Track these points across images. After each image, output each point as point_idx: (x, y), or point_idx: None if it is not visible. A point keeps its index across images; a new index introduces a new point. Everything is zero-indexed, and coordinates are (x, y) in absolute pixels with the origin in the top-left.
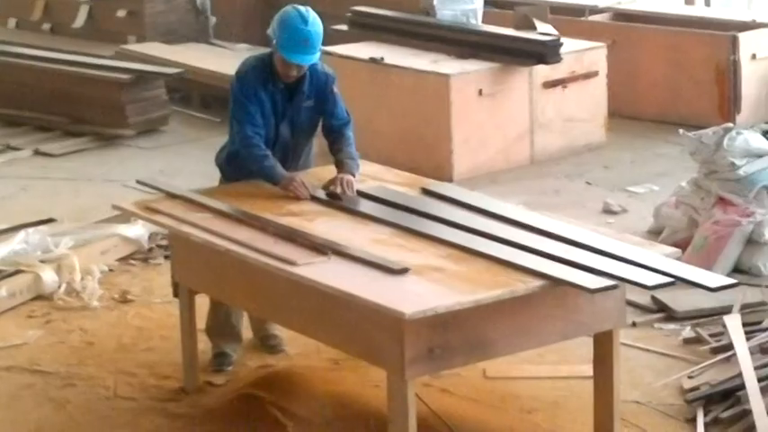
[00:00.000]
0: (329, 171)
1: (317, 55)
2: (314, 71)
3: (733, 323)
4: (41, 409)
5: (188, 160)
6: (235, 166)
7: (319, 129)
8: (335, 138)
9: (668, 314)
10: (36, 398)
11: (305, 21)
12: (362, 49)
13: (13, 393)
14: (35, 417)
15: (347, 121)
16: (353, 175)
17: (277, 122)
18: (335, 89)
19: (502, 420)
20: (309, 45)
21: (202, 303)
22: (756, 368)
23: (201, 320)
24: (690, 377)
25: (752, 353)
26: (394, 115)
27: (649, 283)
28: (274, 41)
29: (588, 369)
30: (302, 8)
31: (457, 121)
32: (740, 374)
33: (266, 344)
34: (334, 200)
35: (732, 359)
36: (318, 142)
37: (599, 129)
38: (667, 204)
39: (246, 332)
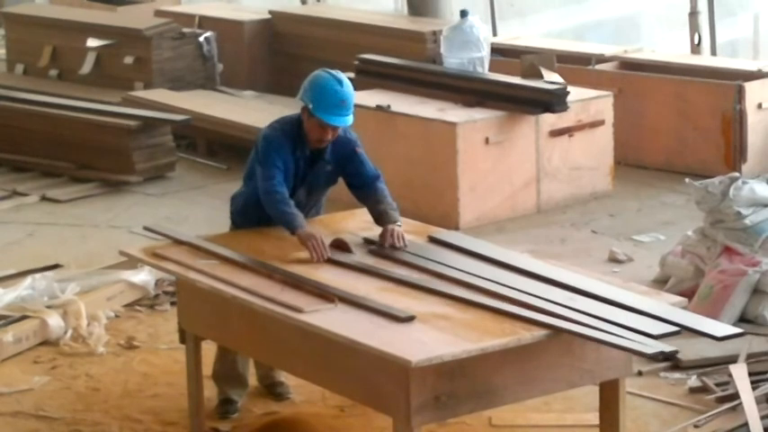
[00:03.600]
0: (342, 217)
1: (352, 117)
2: (336, 137)
3: (739, 372)
4: None
5: (194, 207)
6: (246, 217)
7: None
8: (369, 192)
9: (674, 363)
10: None
11: (340, 83)
12: (369, 97)
13: None
14: None
15: (377, 175)
16: (399, 225)
17: (296, 186)
18: (360, 150)
19: None
20: (346, 107)
21: (208, 350)
22: (763, 418)
23: (207, 367)
24: (696, 426)
25: (758, 402)
26: (400, 163)
27: (655, 333)
28: (310, 105)
29: (594, 417)
30: (333, 71)
31: (463, 169)
32: (746, 424)
33: (273, 391)
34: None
35: (738, 408)
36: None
37: (605, 177)
38: (673, 253)
39: (252, 379)
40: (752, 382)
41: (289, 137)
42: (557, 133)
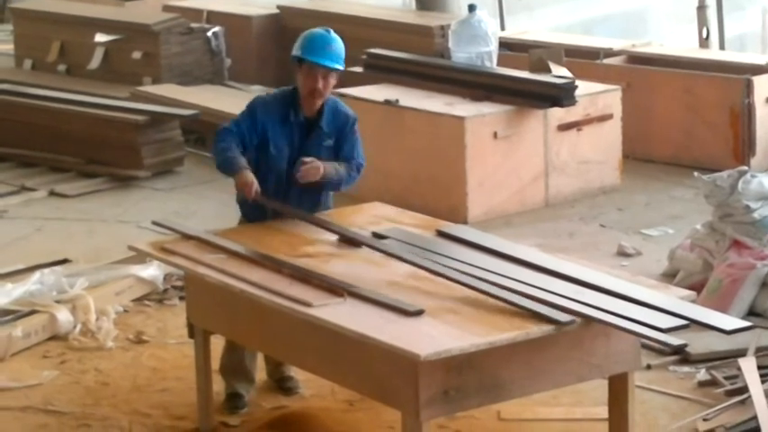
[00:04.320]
0: (351, 212)
1: (341, 66)
2: (335, 109)
3: (748, 366)
4: None
5: (203, 201)
6: (247, 203)
7: None
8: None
9: (683, 357)
10: None
11: (327, 31)
12: (377, 92)
13: None
14: None
15: (360, 164)
16: (322, 168)
17: (292, 156)
18: (356, 129)
19: None
20: (334, 51)
21: (217, 344)
22: None
23: (216, 361)
24: (705, 420)
25: (767, 395)
26: (408, 157)
27: (664, 326)
28: (299, 52)
29: (603, 411)
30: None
31: (471, 163)
32: (755, 417)
33: (282, 386)
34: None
35: (747, 402)
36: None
37: (613, 171)
38: (682, 247)
39: (261, 373)
40: (761, 376)
41: (280, 102)
42: (565, 127)
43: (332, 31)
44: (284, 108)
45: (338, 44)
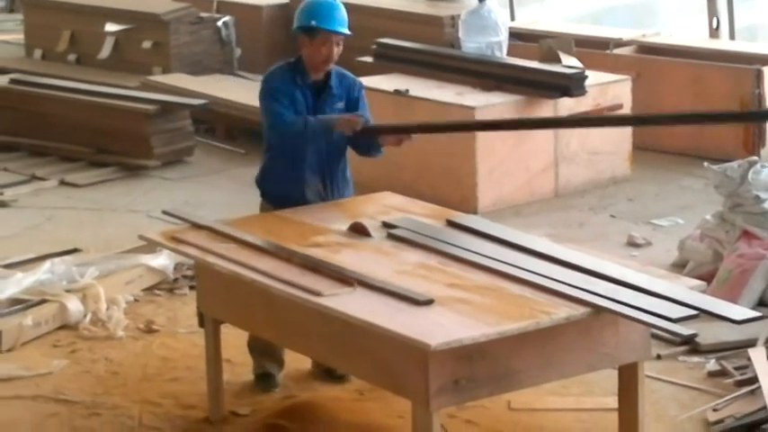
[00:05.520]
0: (362, 201)
1: (347, 30)
2: (341, 73)
3: (758, 356)
4: None
5: (213, 191)
6: (273, 179)
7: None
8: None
9: (693, 347)
10: (61, 427)
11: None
12: (387, 81)
13: (39, 422)
14: None
15: (368, 121)
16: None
17: None
18: (364, 93)
19: None
20: (343, 16)
21: (227, 333)
22: None
23: (227, 351)
24: (714, 410)
25: None
26: (419, 147)
27: (674, 316)
28: (312, 22)
29: (613, 401)
30: None
31: (481, 153)
32: (765, 407)
33: (333, 375)
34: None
35: (757, 392)
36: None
37: (623, 162)
38: (692, 237)
39: (300, 363)
40: None
41: (287, 72)
42: None
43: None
44: (293, 76)
45: (343, 9)
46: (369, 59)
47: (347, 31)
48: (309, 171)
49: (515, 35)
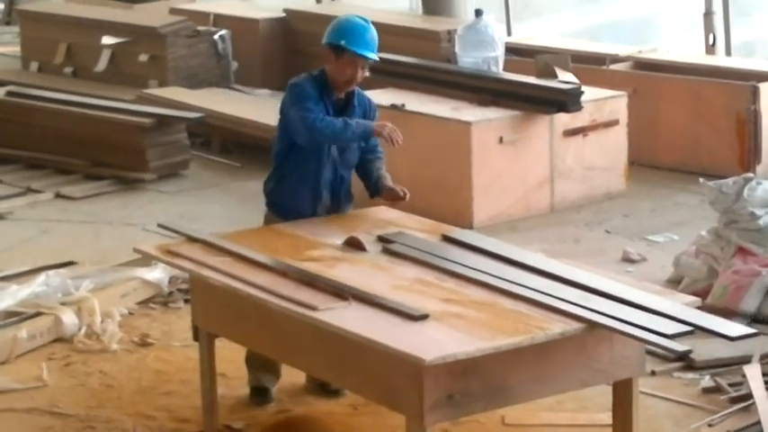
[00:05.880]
0: (357, 215)
1: (375, 56)
2: (359, 93)
3: (753, 373)
4: None
5: (209, 205)
6: (287, 192)
7: None
8: (375, 158)
9: (687, 363)
10: None
11: (366, 21)
12: (384, 96)
13: None
14: None
15: (382, 153)
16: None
17: None
18: (377, 117)
19: None
20: (375, 41)
21: (222, 347)
22: None
23: (221, 364)
24: (709, 425)
25: None
26: (414, 162)
27: (669, 332)
28: (342, 42)
29: (607, 417)
30: (355, 16)
31: (477, 168)
32: (758, 423)
33: (327, 389)
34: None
35: (751, 408)
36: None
37: (619, 177)
38: (687, 253)
39: (295, 377)
40: (765, 383)
41: (314, 83)
42: (571, 133)
43: (369, 19)
44: (319, 88)
45: (374, 31)
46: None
47: (375, 57)
48: (324, 187)
49: (512, 50)
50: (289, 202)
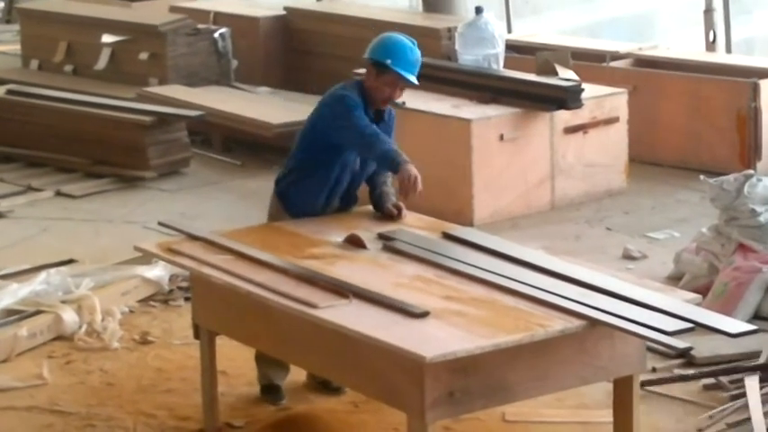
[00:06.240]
0: (358, 213)
1: (415, 80)
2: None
3: (751, 383)
4: None
5: (209, 203)
6: (304, 193)
7: None
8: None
9: (688, 360)
10: None
11: (413, 43)
12: None
13: None
14: None
15: None
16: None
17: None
18: (394, 126)
19: None
20: (416, 62)
21: (222, 345)
22: None
23: (222, 362)
24: (709, 420)
25: None
26: (414, 159)
27: (669, 329)
28: (388, 61)
29: (607, 414)
30: (401, 34)
31: (478, 165)
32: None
33: (328, 386)
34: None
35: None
36: None
37: (619, 174)
38: (688, 250)
39: (297, 375)
40: (765, 381)
41: (357, 98)
42: (571, 130)
43: (415, 42)
44: (362, 102)
45: (419, 53)
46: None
47: (416, 81)
48: (339, 193)
49: (512, 48)
50: (301, 201)
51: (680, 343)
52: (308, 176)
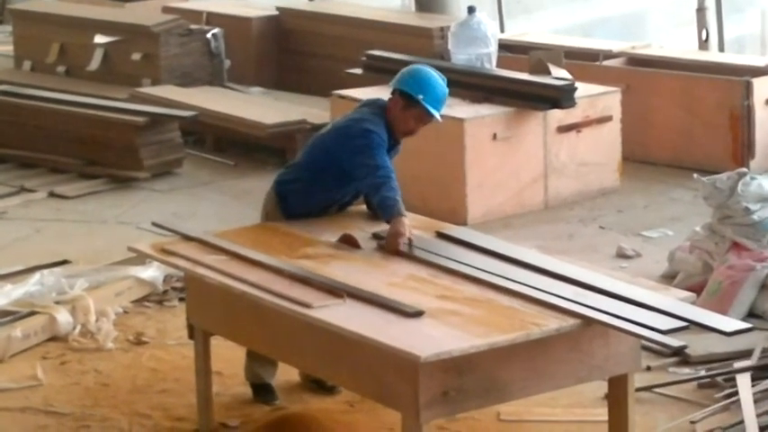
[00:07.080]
0: (351, 213)
1: (440, 117)
2: None
3: (743, 381)
4: None
5: (202, 203)
6: (304, 198)
7: None
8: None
9: (683, 358)
10: None
11: (444, 79)
12: (377, 93)
13: None
14: None
15: None
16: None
17: None
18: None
19: None
20: (445, 100)
21: (217, 345)
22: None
23: (216, 362)
24: (702, 418)
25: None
26: (408, 159)
27: (664, 328)
28: (420, 96)
29: (602, 413)
30: (431, 68)
31: (471, 165)
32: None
33: (323, 386)
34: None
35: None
36: None
37: (613, 173)
38: (681, 249)
39: (289, 374)
40: (759, 379)
41: (383, 127)
42: (564, 129)
43: (445, 79)
44: (386, 131)
45: (447, 89)
46: (358, 71)
47: (440, 119)
48: (338, 203)
49: (505, 47)
50: (300, 208)
51: (674, 341)
52: (314, 192)
